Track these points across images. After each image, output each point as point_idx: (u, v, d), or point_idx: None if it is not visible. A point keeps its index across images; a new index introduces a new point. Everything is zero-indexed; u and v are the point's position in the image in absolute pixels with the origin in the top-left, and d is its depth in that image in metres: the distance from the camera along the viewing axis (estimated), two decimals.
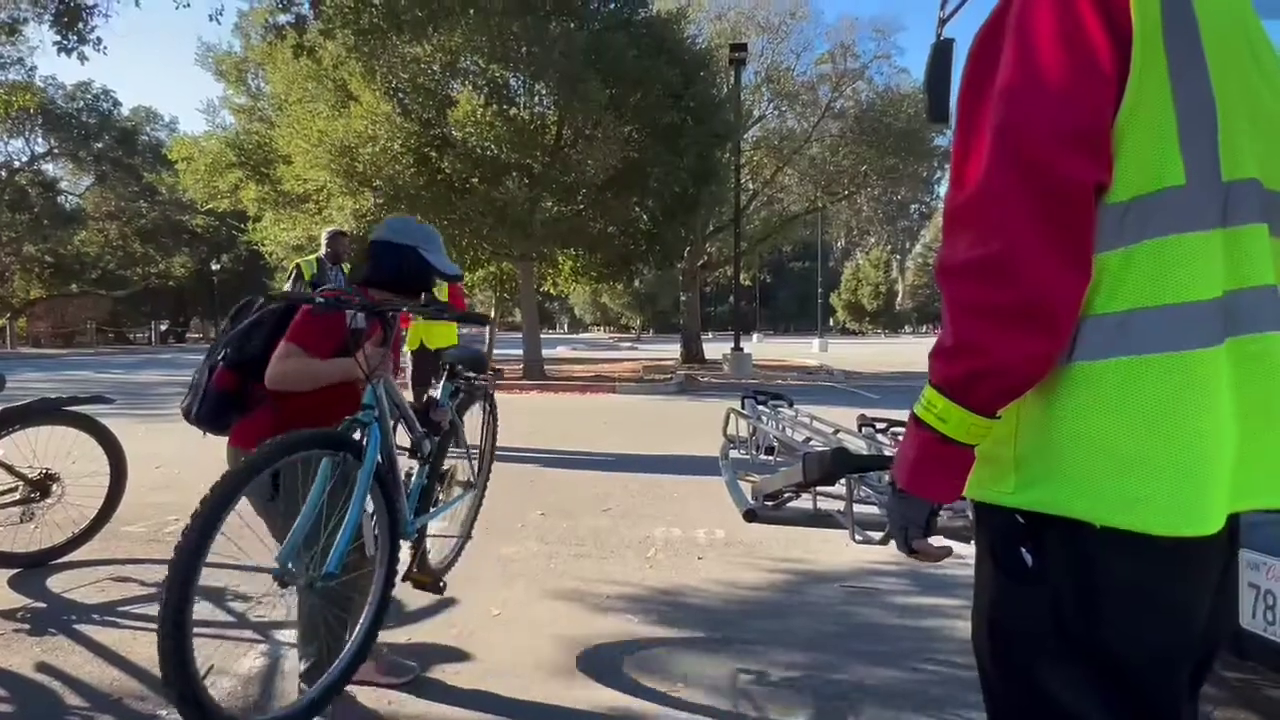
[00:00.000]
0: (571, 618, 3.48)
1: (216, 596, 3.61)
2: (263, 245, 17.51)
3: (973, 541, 1.19)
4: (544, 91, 15.41)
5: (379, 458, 2.25)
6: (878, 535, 1.86)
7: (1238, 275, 1.01)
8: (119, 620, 3.40)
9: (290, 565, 2.01)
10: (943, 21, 3.50)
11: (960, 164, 1.05)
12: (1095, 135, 0.98)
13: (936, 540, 1.14)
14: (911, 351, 24.11)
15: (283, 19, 8.73)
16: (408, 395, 7.98)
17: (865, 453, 1.81)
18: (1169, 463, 0.97)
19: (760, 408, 3.50)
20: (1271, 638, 1.82)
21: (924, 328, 75.04)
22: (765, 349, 34.98)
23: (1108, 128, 0.99)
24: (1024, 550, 1.05)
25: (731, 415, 3.36)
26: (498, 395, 4.00)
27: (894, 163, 24.71)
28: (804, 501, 2.23)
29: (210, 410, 2.52)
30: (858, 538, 1.80)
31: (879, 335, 69.00)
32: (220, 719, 1.83)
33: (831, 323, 72.77)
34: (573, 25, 14.72)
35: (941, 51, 3.42)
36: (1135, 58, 0.98)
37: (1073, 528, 1.00)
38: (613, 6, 16.16)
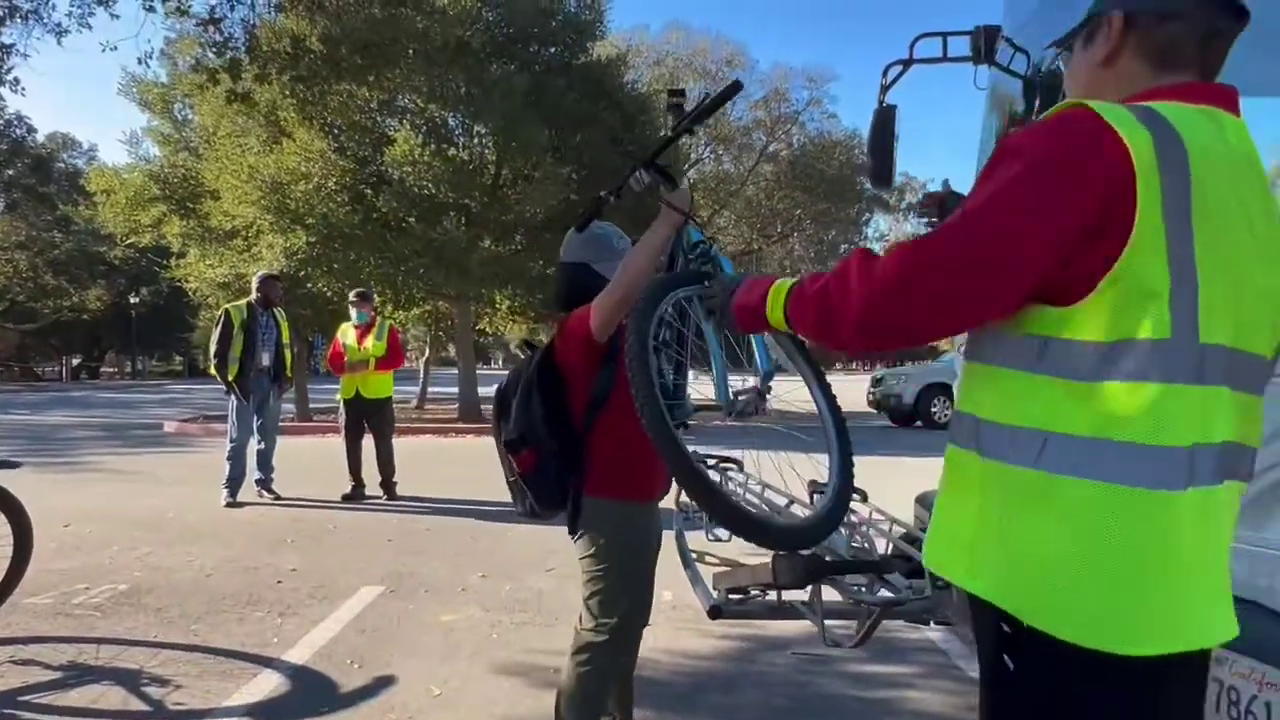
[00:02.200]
0: (515, 697, 3.33)
1: None
2: (186, 282, 16.86)
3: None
4: (483, 132, 15.34)
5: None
6: (847, 636, 1.81)
7: (1204, 430, 1.10)
8: (20, 713, 3.11)
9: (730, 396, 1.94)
10: (884, 89, 3.57)
11: (948, 223, 1.15)
12: (1013, 298, 1.13)
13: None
14: (842, 390, 24.57)
15: (216, 62, 8.47)
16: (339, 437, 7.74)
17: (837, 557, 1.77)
18: (1129, 585, 1.06)
19: (711, 473, 3.44)
20: None
21: (853, 364, 76.62)
22: (705, 387, 35.07)
23: (1026, 291, 1.12)
24: (1006, 657, 1.14)
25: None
26: (430, 438, 3.84)
27: (825, 206, 25.32)
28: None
29: (549, 496, 2.38)
30: (828, 641, 1.75)
31: None
32: None
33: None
34: (513, 68, 14.73)
35: (884, 117, 3.48)
36: (1137, 228, 1.06)
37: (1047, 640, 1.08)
38: (553, 51, 16.24)
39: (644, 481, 2.43)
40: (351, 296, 8.06)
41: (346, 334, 7.80)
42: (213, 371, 7.46)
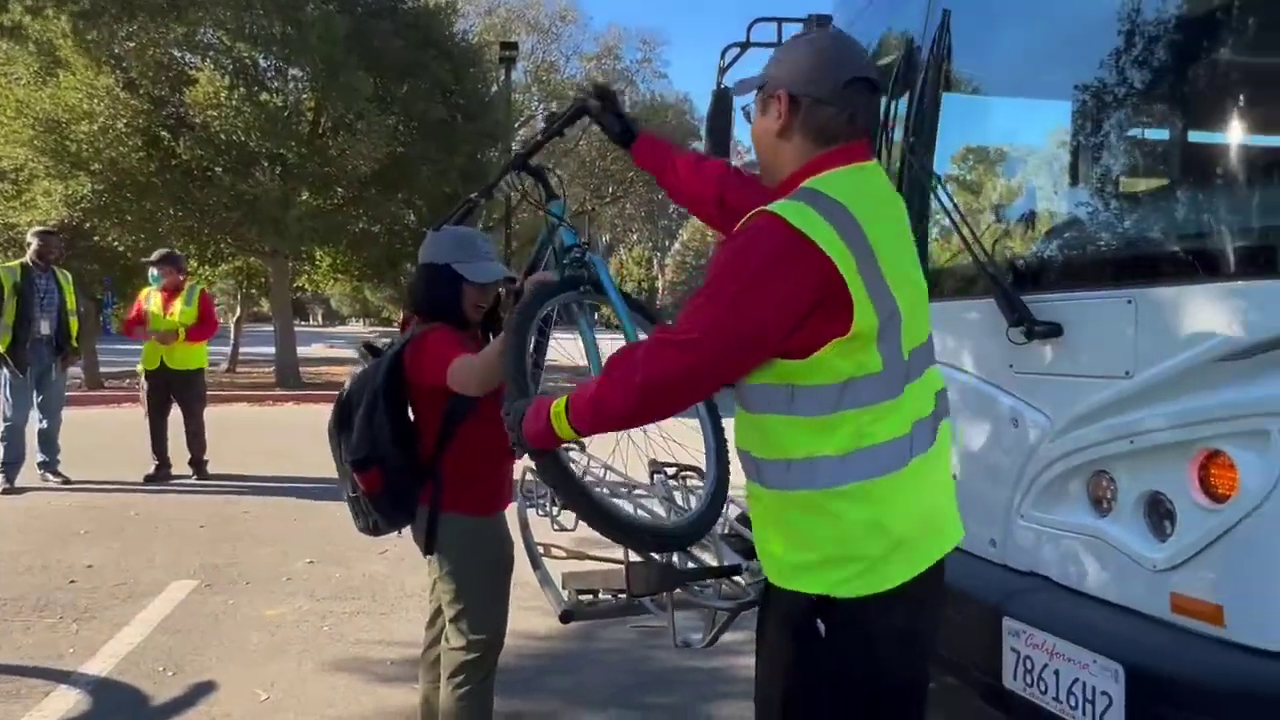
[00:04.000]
0: (351, 694, 3.21)
1: None
2: None
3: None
4: (300, 76, 14.24)
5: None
6: (698, 637, 1.86)
7: (917, 412, 1.48)
8: None
9: None
10: (722, 71, 3.63)
11: (690, 315, 1.42)
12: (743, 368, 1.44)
13: None
14: None
15: None
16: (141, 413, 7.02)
17: (691, 566, 1.81)
18: (892, 542, 1.43)
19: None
20: (1029, 697, 2.04)
21: None
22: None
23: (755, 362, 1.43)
24: (818, 620, 1.44)
25: (526, 471, 3.25)
26: (244, 407, 3.60)
27: None
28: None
29: (396, 515, 2.30)
30: (678, 642, 1.80)
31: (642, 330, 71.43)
32: None
33: (597, 317, 74.34)
34: (332, 8, 13.70)
35: (721, 99, 3.55)
36: (853, 296, 1.35)
37: (848, 602, 1.42)
38: None
39: (497, 494, 2.40)
40: (154, 257, 7.30)
41: (150, 298, 7.06)
42: None
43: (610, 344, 1.94)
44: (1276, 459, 1.67)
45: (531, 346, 1.95)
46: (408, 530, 2.39)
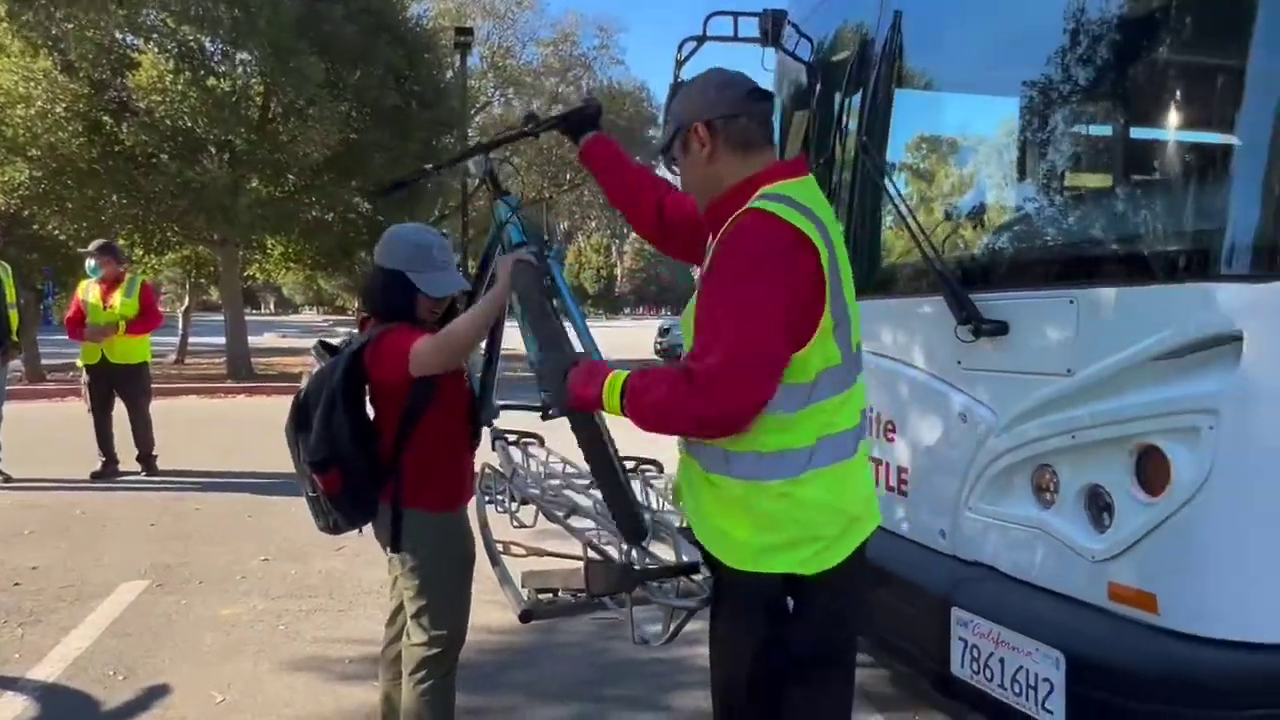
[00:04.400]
0: (310, 694, 3.19)
1: None
2: None
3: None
4: (248, 60, 13.88)
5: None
6: (656, 629, 1.89)
7: (862, 403, 1.69)
8: None
9: None
10: (679, 64, 3.64)
11: (714, 339, 1.52)
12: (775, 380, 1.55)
13: None
14: (630, 337, 25.40)
15: None
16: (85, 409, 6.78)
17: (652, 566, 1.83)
18: (847, 521, 1.63)
19: (511, 449, 3.42)
20: (976, 684, 2.12)
21: (640, 310, 78.85)
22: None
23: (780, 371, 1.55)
24: (787, 598, 1.60)
25: (485, 467, 3.24)
26: (194, 399, 3.54)
27: None
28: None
29: (356, 515, 2.29)
30: (636, 639, 1.83)
31: (600, 317, 71.36)
32: None
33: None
34: None
35: (678, 92, 3.56)
36: (827, 291, 1.53)
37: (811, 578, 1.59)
38: None
39: (458, 490, 2.41)
40: (90, 248, 7.07)
41: (88, 291, 6.85)
42: None
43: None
44: (1207, 454, 1.75)
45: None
46: (368, 527, 2.38)
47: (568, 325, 2.09)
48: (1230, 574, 1.76)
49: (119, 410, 6.94)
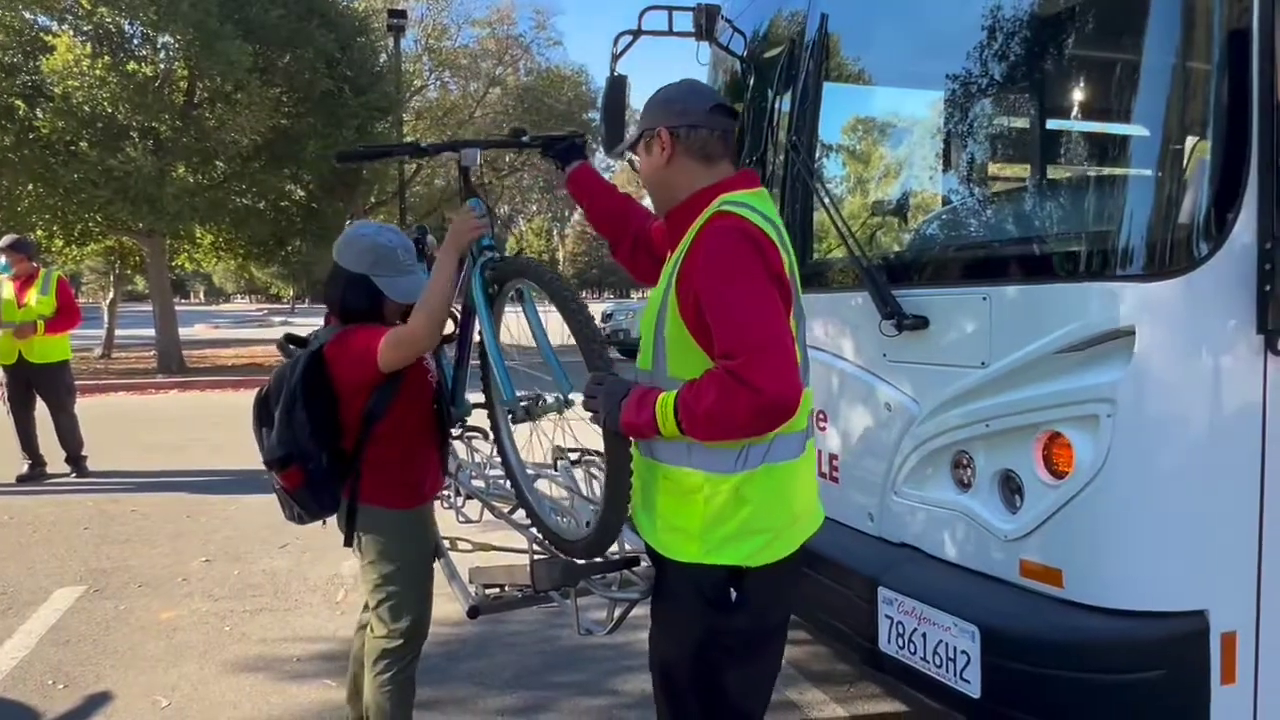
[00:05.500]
0: (258, 694, 3.19)
1: None
2: None
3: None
4: (171, 44, 13.39)
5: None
6: (601, 616, 1.97)
7: (807, 412, 1.73)
8: None
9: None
10: (615, 57, 3.68)
11: (739, 333, 1.55)
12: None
13: None
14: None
15: None
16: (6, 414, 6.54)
17: (589, 560, 1.90)
18: (793, 518, 1.72)
19: (455, 443, 3.45)
20: (901, 658, 2.25)
21: (583, 293, 78.47)
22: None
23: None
24: (731, 590, 1.66)
25: None
26: (123, 396, 3.48)
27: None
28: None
29: (319, 507, 2.31)
30: (581, 630, 1.90)
31: (543, 302, 70.82)
32: None
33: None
34: None
35: (615, 86, 3.61)
36: (793, 292, 1.66)
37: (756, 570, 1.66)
38: None
39: (418, 487, 2.43)
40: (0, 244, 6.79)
41: (2, 288, 6.59)
42: None
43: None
44: (1105, 440, 1.89)
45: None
46: (330, 522, 2.41)
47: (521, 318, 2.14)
48: (1128, 549, 1.91)
49: (43, 412, 6.72)
